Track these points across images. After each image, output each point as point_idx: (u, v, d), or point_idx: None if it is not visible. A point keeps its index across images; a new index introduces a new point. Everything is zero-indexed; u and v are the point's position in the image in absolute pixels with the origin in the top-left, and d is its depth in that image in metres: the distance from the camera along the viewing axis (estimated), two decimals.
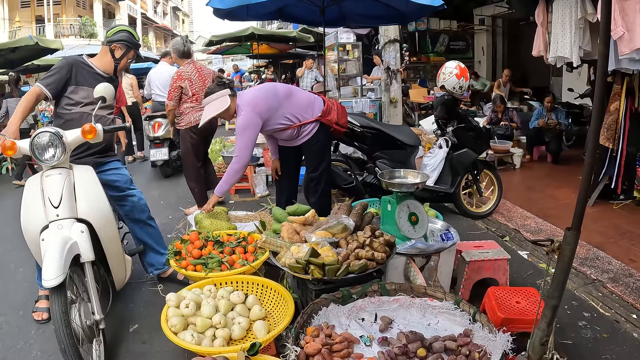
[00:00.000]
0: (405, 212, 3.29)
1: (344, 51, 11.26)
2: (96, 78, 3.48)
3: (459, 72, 5.04)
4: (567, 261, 1.73)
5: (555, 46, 5.08)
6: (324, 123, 4.11)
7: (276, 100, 3.94)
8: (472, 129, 5.30)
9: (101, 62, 3.54)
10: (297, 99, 4.07)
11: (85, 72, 3.46)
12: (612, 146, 5.08)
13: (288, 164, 4.33)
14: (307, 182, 4.45)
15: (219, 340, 2.62)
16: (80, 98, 3.42)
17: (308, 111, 4.06)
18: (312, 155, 4.22)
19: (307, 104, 4.08)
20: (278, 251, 3.07)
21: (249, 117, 3.81)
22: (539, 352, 1.82)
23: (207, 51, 23.88)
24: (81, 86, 3.42)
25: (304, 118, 4.04)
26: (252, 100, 3.89)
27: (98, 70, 3.52)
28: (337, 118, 4.18)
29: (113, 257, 3.24)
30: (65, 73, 3.38)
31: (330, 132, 4.22)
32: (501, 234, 4.91)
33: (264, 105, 3.88)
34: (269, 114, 3.89)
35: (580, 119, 8.45)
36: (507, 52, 13.31)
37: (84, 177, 3.10)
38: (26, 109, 3.27)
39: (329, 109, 4.15)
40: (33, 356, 3.05)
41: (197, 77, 5.32)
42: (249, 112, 3.81)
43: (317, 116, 4.07)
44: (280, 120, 3.96)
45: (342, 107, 4.34)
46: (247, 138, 3.83)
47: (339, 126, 4.23)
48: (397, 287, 2.61)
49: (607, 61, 1.65)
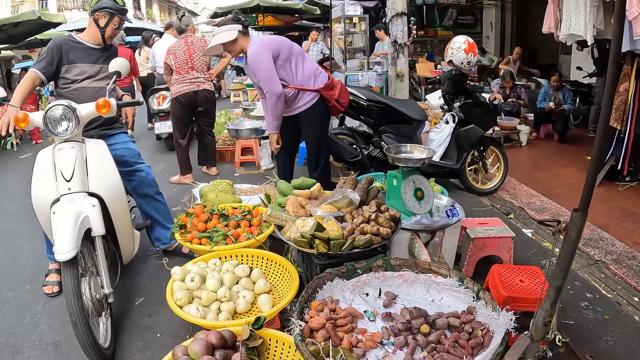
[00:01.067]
0: (411, 187, 3.29)
1: (350, 24, 11.10)
2: (87, 52, 3.48)
3: (468, 47, 4.98)
4: (573, 242, 1.72)
5: (567, 24, 4.98)
6: (324, 97, 4.11)
7: (289, 49, 4.00)
8: (479, 105, 5.26)
9: (89, 35, 3.52)
10: (306, 63, 4.11)
11: (76, 49, 3.44)
12: (620, 127, 5.02)
13: (284, 136, 4.34)
14: (308, 156, 4.46)
15: (224, 313, 2.64)
16: (74, 76, 3.42)
17: (311, 79, 4.08)
18: (309, 128, 4.22)
19: (312, 72, 4.10)
20: (283, 225, 3.07)
21: (260, 48, 3.87)
22: (542, 332, 1.82)
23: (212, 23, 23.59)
24: (73, 64, 3.42)
25: (306, 83, 4.05)
26: (263, 38, 4.04)
27: (88, 44, 3.50)
28: (338, 95, 4.19)
29: (122, 231, 3.26)
30: (55, 54, 3.38)
31: (328, 108, 4.22)
32: (506, 211, 4.91)
33: (276, 45, 3.94)
34: (279, 55, 3.92)
35: (589, 98, 8.36)
36: (516, 28, 13.10)
37: (97, 151, 3.11)
38: (24, 93, 3.29)
39: (332, 84, 4.15)
40: (40, 330, 3.08)
41: (184, 51, 5.64)
42: (260, 45, 3.89)
43: (319, 87, 4.08)
44: (286, 72, 3.99)
45: (345, 88, 4.35)
46: (265, 69, 3.86)
47: (339, 104, 4.23)
48: (402, 262, 2.62)
49: (621, 41, 1.62)
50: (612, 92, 1.67)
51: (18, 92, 3.28)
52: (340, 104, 4.24)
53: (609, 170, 5.43)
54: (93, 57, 3.50)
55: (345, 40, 10.96)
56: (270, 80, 3.87)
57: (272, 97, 3.89)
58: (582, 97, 8.38)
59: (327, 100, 4.14)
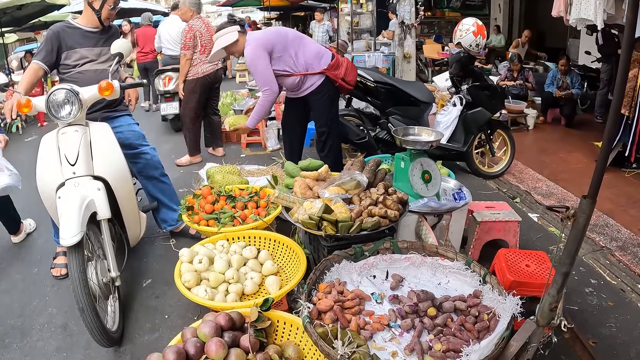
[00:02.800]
0: (419, 170, 3.28)
1: (357, 4, 11.01)
2: (86, 36, 3.46)
3: (477, 29, 4.94)
4: (581, 229, 1.72)
5: (578, 8, 4.94)
6: (330, 77, 4.11)
7: (283, 40, 4.02)
8: (487, 88, 5.23)
9: (86, 19, 3.49)
10: (306, 47, 4.11)
11: (73, 34, 3.42)
12: (628, 113, 4.99)
13: (292, 116, 4.34)
14: (317, 136, 4.45)
15: (232, 295, 2.66)
16: (74, 61, 3.41)
17: (315, 61, 4.08)
18: (318, 108, 4.22)
19: (315, 54, 4.09)
20: (291, 207, 3.08)
21: (254, 49, 3.92)
22: (548, 317, 1.84)
23: (217, 3, 23.47)
24: (72, 50, 3.41)
25: (310, 67, 4.06)
26: (258, 35, 4.05)
27: (85, 28, 3.47)
28: (344, 74, 4.18)
29: (128, 214, 3.26)
30: (54, 42, 3.37)
31: (336, 87, 4.22)
32: (512, 195, 4.91)
33: (269, 40, 3.97)
34: (274, 49, 3.96)
35: (596, 83, 8.29)
36: (525, 11, 12.97)
37: (101, 134, 3.11)
38: (29, 84, 3.30)
39: (337, 63, 4.15)
40: (49, 313, 3.12)
41: (206, 31, 5.65)
42: (254, 45, 3.93)
43: (323, 69, 4.07)
44: (286, 62, 4.00)
45: (352, 65, 4.33)
46: (260, 71, 3.94)
47: (346, 82, 4.22)
48: (409, 245, 2.63)
49: (634, 28, 1.60)
50: (624, 79, 1.66)
51: (23, 81, 3.29)
52: (347, 82, 4.24)
53: (616, 156, 5.39)
54: (92, 40, 3.47)
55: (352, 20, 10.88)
56: (266, 79, 3.95)
57: (270, 94, 3.98)
58: (590, 82, 8.31)
59: (334, 80, 4.14)
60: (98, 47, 3.49)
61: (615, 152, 5.35)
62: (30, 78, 3.31)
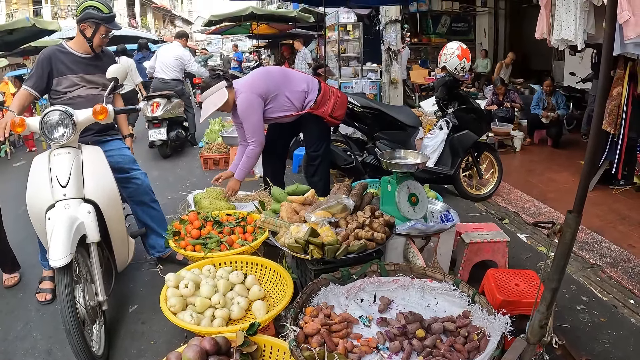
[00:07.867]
0: (405, 193, 3.28)
1: (344, 31, 11.15)
2: (77, 61, 3.44)
3: (461, 53, 5.00)
4: (567, 244, 1.72)
5: (559, 29, 5.00)
6: (317, 115, 4.04)
7: (273, 80, 3.92)
8: (473, 111, 5.28)
9: (78, 45, 3.47)
10: (292, 83, 4.00)
11: (65, 60, 3.41)
12: (613, 131, 5.04)
13: (278, 138, 4.28)
14: (307, 161, 4.43)
15: (218, 320, 2.62)
16: (64, 88, 3.39)
17: (301, 99, 4.00)
18: (312, 134, 4.18)
19: (301, 91, 4.00)
20: (277, 231, 3.06)
21: (249, 97, 3.79)
22: (538, 335, 1.82)
23: (206, 31, 23.67)
24: (63, 76, 3.39)
25: (300, 107, 3.99)
26: (248, 81, 3.90)
27: (78, 54, 3.46)
28: (331, 110, 4.08)
29: (117, 238, 3.23)
30: (45, 67, 3.36)
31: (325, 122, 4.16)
32: (500, 216, 4.91)
33: (262, 84, 3.87)
34: (268, 91, 3.86)
35: (582, 103, 8.40)
36: (509, 34, 13.20)
37: (93, 158, 3.09)
38: (19, 107, 3.26)
39: (324, 99, 4.06)
40: (33, 338, 3.05)
41: None
42: (248, 93, 3.80)
43: (309, 108, 4.01)
44: (283, 104, 3.92)
45: (341, 97, 4.23)
46: (252, 120, 3.82)
47: (333, 118, 4.14)
48: (397, 267, 2.61)
49: (612, 44, 1.62)
50: (605, 92, 1.68)
51: (13, 104, 3.27)
52: (335, 117, 4.15)
53: (604, 174, 5.45)
54: (83, 66, 3.46)
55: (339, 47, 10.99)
56: (255, 130, 3.85)
57: (258, 146, 3.89)
58: (575, 103, 8.43)
59: (321, 117, 4.07)
60: (89, 73, 3.47)
61: (603, 170, 5.39)
62: (20, 102, 3.29)
